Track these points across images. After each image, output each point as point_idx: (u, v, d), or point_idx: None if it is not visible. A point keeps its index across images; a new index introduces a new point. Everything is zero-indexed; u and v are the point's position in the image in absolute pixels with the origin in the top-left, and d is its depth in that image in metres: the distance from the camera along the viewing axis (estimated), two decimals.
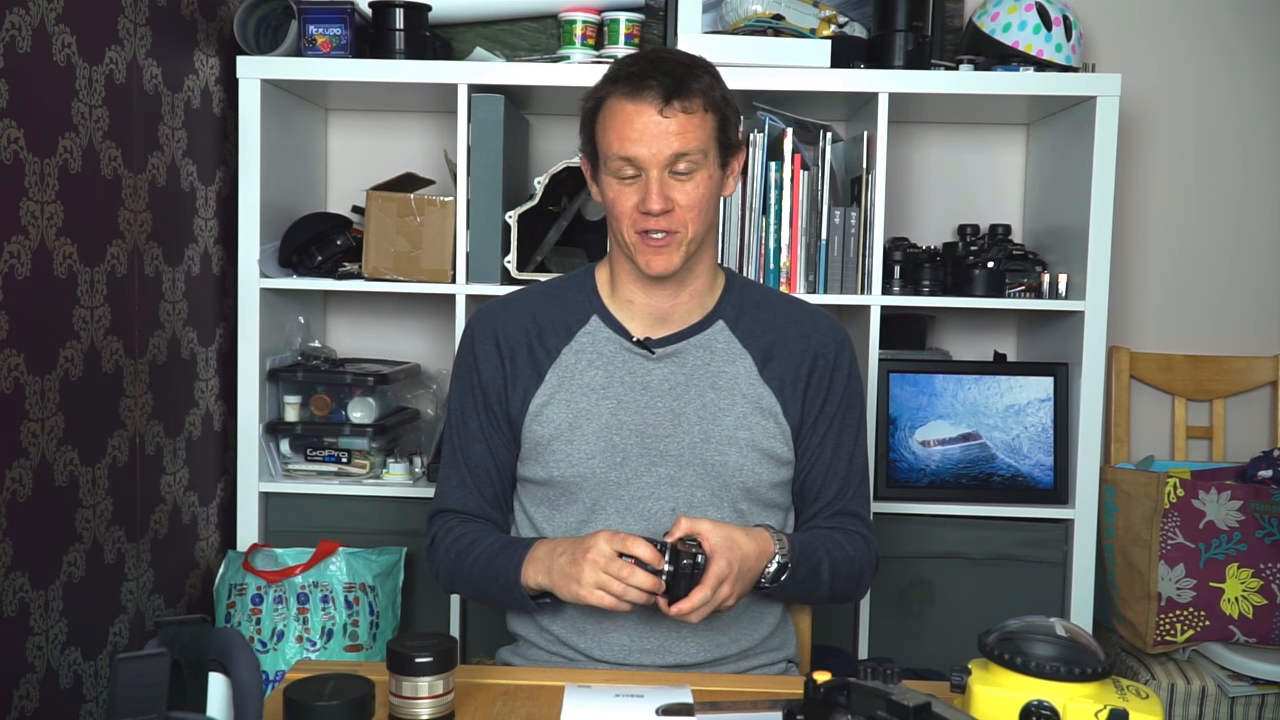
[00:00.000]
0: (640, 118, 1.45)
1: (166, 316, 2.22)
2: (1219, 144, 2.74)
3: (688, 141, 1.46)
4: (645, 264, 1.50)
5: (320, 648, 2.18)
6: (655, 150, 1.45)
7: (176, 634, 1.01)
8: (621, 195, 1.49)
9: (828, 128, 2.40)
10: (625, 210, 1.49)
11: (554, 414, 1.55)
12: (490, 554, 1.51)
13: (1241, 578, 2.30)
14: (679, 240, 1.49)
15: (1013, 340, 2.75)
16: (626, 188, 1.49)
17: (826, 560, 1.52)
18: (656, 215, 1.46)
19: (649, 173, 1.46)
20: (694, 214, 1.49)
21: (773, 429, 1.55)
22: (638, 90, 1.46)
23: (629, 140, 1.46)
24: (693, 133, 1.46)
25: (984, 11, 2.42)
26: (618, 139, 1.47)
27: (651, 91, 1.45)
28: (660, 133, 1.45)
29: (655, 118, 1.45)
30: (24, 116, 1.71)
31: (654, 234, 1.48)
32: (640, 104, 1.45)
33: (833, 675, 1.09)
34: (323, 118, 2.73)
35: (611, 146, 1.47)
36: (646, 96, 1.45)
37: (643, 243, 1.49)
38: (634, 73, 1.47)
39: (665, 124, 1.45)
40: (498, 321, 1.60)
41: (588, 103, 1.52)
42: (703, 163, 1.48)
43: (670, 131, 1.45)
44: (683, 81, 1.46)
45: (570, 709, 1.28)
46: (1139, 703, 1.08)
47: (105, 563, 2.00)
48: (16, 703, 1.74)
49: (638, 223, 1.48)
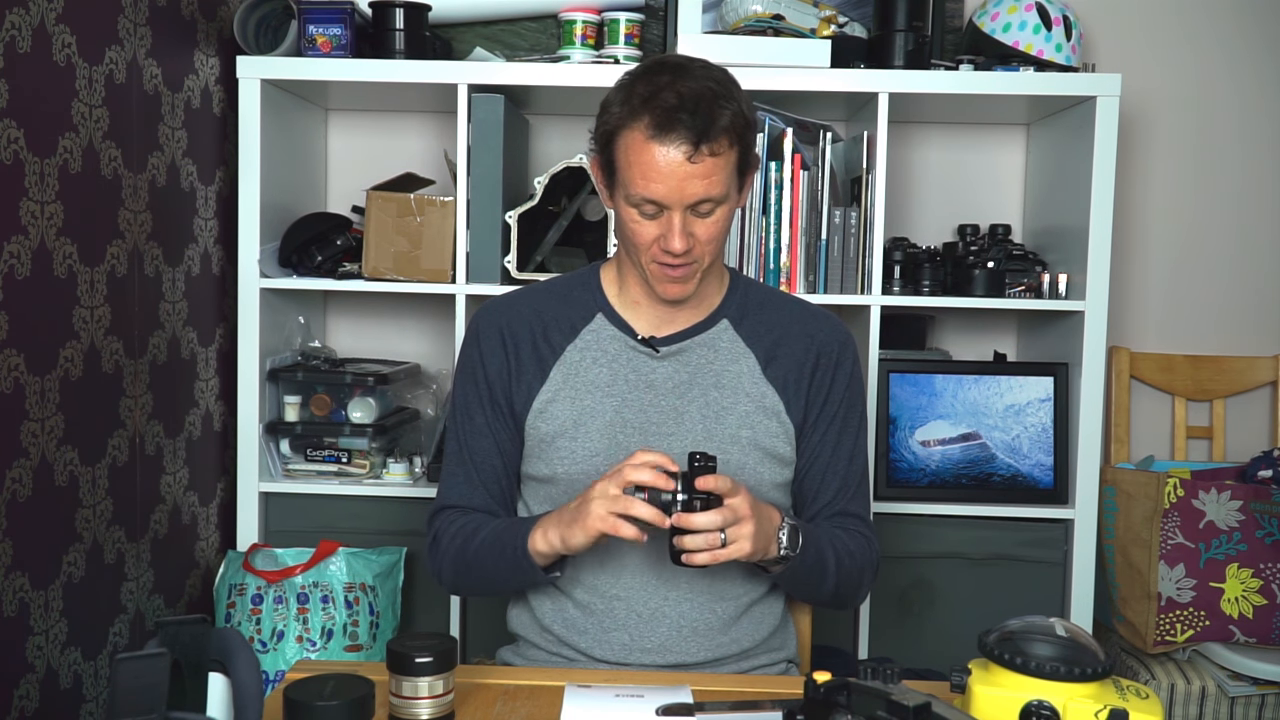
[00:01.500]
0: (667, 162, 1.40)
1: (166, 316, 2.22)
2: (1219, 144, 2.74)
3: (712, 187, 1.42)
4: (663, 291, 1.50)
5: (320, 648, 2.18)
6: (681, 196, 1.42)
7: (176, 634, 1.01)
8: (642, 229, 1.46)
9: (828, 128, 2.41)
10: (644, 241, 1.47)
11: (558, 411, 1.55)
12: (496, 533, 1.51)
13: (1241, 578, 2.30)
14: (695, 270, 1.49)
15: (1013, 340, 2.75)
16: (647, 221, 1.46)
17: (831, 549, 1.52)
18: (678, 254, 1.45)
19: (672, 212, 1.43)
20: (712, 246, 1.48)
21: (775, 428, 1.55)
22: (665, 131, 1.39)
23: (653, 182, 1.41)
24: (718, 175, 1.42)
25: (984, 11, 2.42)
26: (641, 179, 1.42)
27: (679, 135, 1.39)
28: (687, 177, 1.41)
29: (683, 164, 1.40)
30: (24, 116, 1.71)
31: (673, 266, 1.47)
32: (667, 146, 1.39)
33: (833, 675, 1.09)
34: (323, 118, 2.73)
35: (635, 185, 1.43)
36: (674, 140, 1.39)
37: (661, 272, 1.48)
38: (661, 108, 1.40)
39: (692, 169, 1.40)
40: (503, 317, 1.60)
41: (607, 121, 1.46)
42: (723, 195, 1.45)
43: (698, 176, 1.41)
44: (712, 120, 1.39)
45: (570, 709, 1.28)
46: (1139, 703, 1.08)
47: (105, 563, 2.00)
48: (16, 703, 1.74)
49: (657, 256, 1.47)
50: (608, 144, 1.47)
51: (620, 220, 1.50)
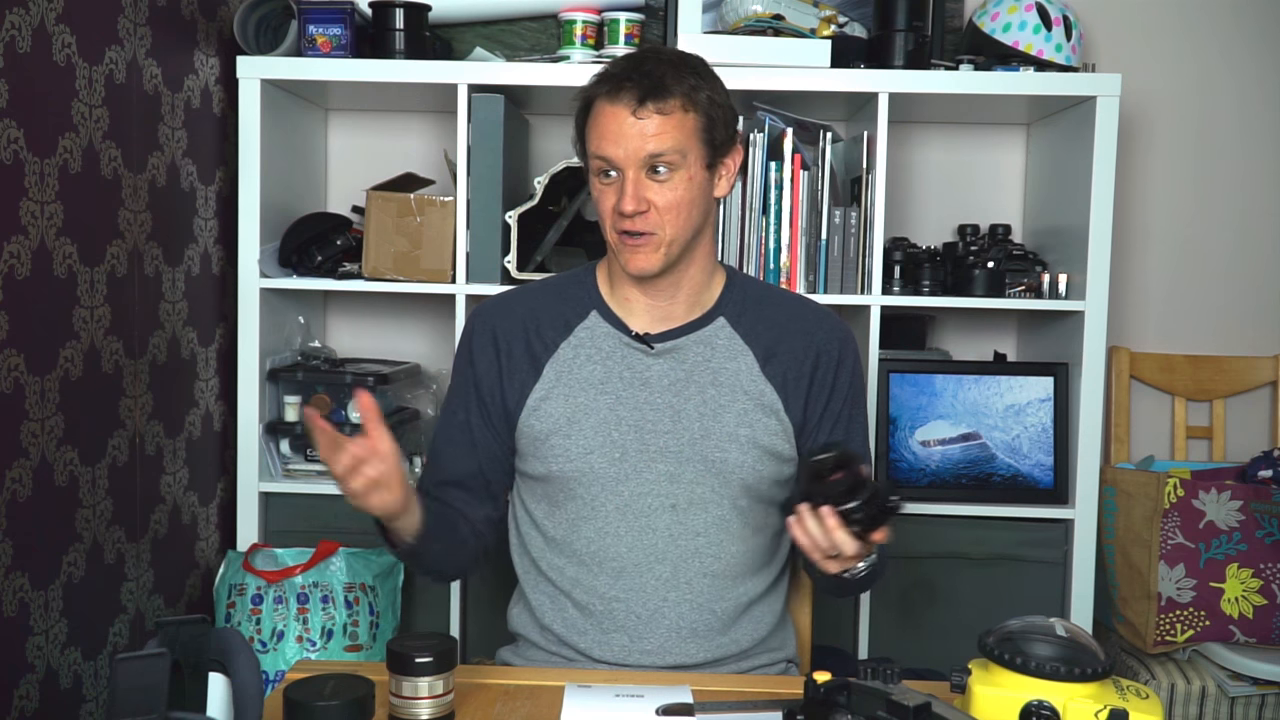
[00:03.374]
0: (616, 119, 1.47)
1: (166, 316, 2.22)
2: (1219, 144, 2.74)
3: (662, 142, 1.46)
4: (625, 263, 1.51)
5: (320, 648, 2.18)
6: (628, 151, 1.46)
7: (176, 634, 1.01)
8: (603, 195, 1.51)
9: (828, 128, 2.40)
10: (606, 210, 1.51)
11: (552, 409, 1.55)
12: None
13: (1241, 578, 2.30)
14: (656, 242, 1.49)
15: (1013, 340, 2.75)
16: (607, 188, 1.50)
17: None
18: (630, 216, 1.47)
19: (625, 173, 1.47)
20: (671, 215, 1.48)
21: (774, 426, 1.55)
22: (615, 91, 1.47)
23: (605, 140, 1.48)
24: (669, 134, 1.46)
25: (984, 11, 2.42)
26: (596, 139, 1.49)
27: (627, 93, 1.46)
28: (634, 134, 1.46)
29: (630, 119, 1.46)
30: (24, 116, 1.71)
31: (631, 234, 1.49)
32: (616, 105, 1.47)
33: (833, 675, 1.09)
34: (323, 118, 2.73)
35: (593, 145, 1.50)
36: (623, 98, 1.47)
37: (621, 242, 1.50)
38: (614, 74, 1.49)
39: (640, 125, 1.46)
40: (496, 317, 1.61)
41: (576, 103, 1.55)
42: (681, 164, 1.48)
43: (645, 133, 1.46)
44: (661, 83, 1.46)
45: (570, 709, 1.28)
46: (1139, 703, 1.09)
47: (105, 563, 2.00)
48: (16, 703, 1.74)
49: (616, 223, 1.49)
50: (579, 125, 1.53)
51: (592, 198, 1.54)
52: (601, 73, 1.52)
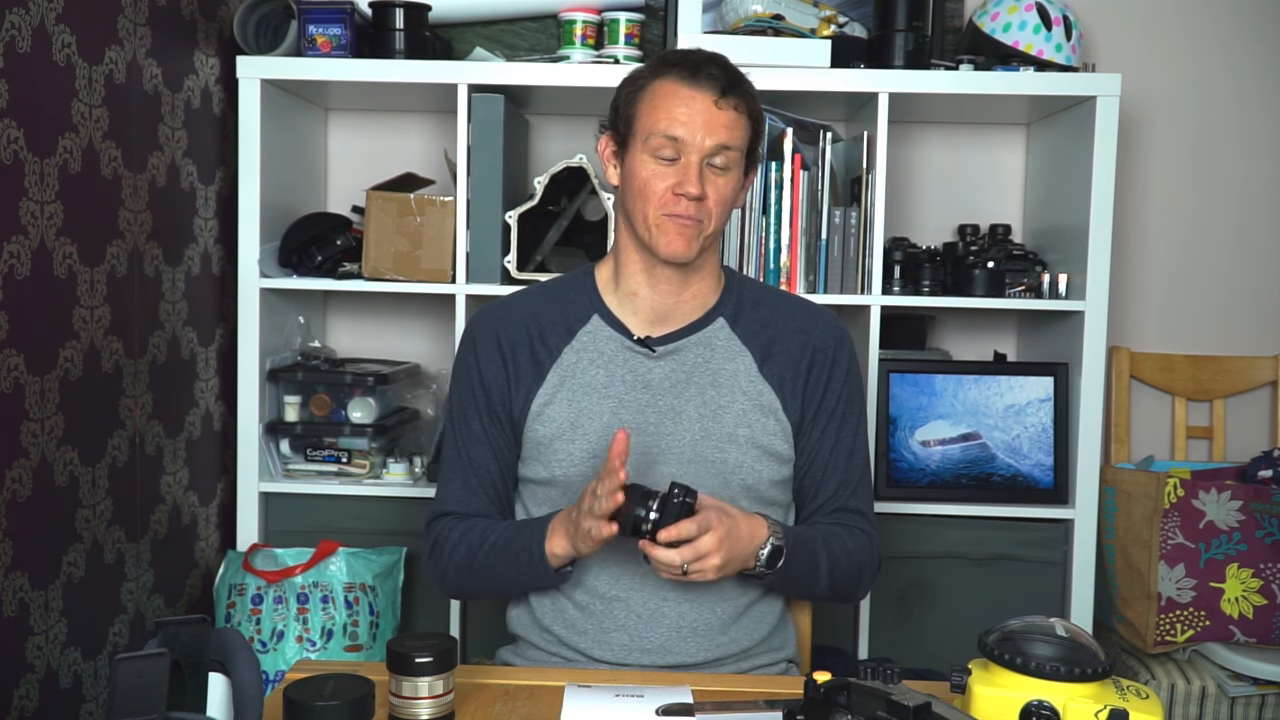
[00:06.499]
0: (695, 102, 1.48)
1: (166, 316, 2.22)
2: (1219, 144, 2.74)
3: (734, 136, 1.49)
4: (666, 243, 1.50)
5: (320, 648, 2.18)
6: (703, 136, 1.47)
7: (176, 634, 1.01)
8: (656, 175, 1.50)
9: (828, 128, 2.41)
10: (656, 190, 1.50)
11: (555, 413, 1.55)
12: (506, 539, 1.52)
13: (1242, 578, 2.30)
14: (701, 230, 1.51)
15: (1013, 340, 2.75)
16: (663, 168, 1.49)
17: (824, 553, 1.52)
18: (692, 199, 1.48)
19: (690, 157, 1.48)
20: (719, 209, 1.51)
21: (773, 426, 1.56)
22: (695, 76, 1.48)
23: (678, 121, 1.48)
24: (739, 130, 1.50)
25: (984, 11, 2.42)
26: (667, 117, 1.48)
27: (710, 81, 1.48)
28: (711, 120, 1.48)
29: (710, 105, 1.48)
30: (24, 116, 1.71)
31: (682, 217, 1.49)
32: (696, 90, 1.48)
33: (833, 675, 1.09)
34: (323, 118, 2.73)
35: (659, 124, 1.48)
36: (704, 84, 1.48)
37: (670, 223, 1.50)
38: (692, 60, 1.50)
39: (718, 114, 1.48)
40: (499, 322, 1.60)
41: (631, 82, 1.54)
42: (736, 162, 1.51)
43: (721, 123, 1.48)
44: (739, 79, 1.51)
45: (570, 709, 1.28)
46: (1139, 703, 1.08)
47: (105, 563, 2.00)
48: (16, 703, 1.74)
49: (667, 205, 1.49)
50: (630, 104, 1.52)
51: (633, 176, 1.51)
52: (668, 58, 1.52)
